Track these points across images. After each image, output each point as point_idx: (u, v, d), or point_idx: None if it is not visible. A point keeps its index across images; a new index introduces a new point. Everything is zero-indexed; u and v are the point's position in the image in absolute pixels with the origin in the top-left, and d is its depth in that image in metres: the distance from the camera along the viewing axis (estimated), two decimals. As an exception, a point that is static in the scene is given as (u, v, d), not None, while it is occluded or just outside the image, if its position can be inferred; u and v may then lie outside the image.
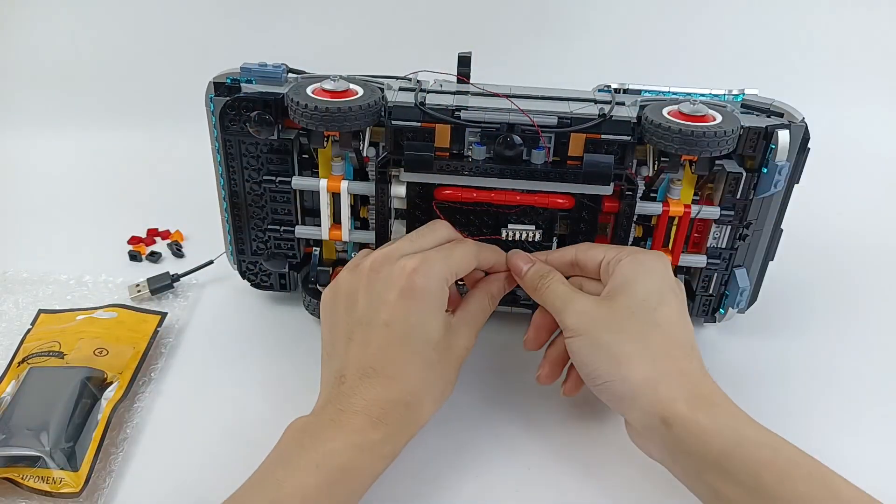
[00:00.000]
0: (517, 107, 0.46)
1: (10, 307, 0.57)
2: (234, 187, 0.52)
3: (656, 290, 0.43)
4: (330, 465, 0.37)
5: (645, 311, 0.42)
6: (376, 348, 0.41)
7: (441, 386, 0.42)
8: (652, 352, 0.41)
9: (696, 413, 0.38)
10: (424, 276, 0.41)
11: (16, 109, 0.84)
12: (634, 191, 0.48)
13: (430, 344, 0.42)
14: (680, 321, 0.43)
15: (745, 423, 0.38)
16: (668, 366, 0.40)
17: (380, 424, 0.39)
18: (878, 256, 0.69)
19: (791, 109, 0.49)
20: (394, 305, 0.41)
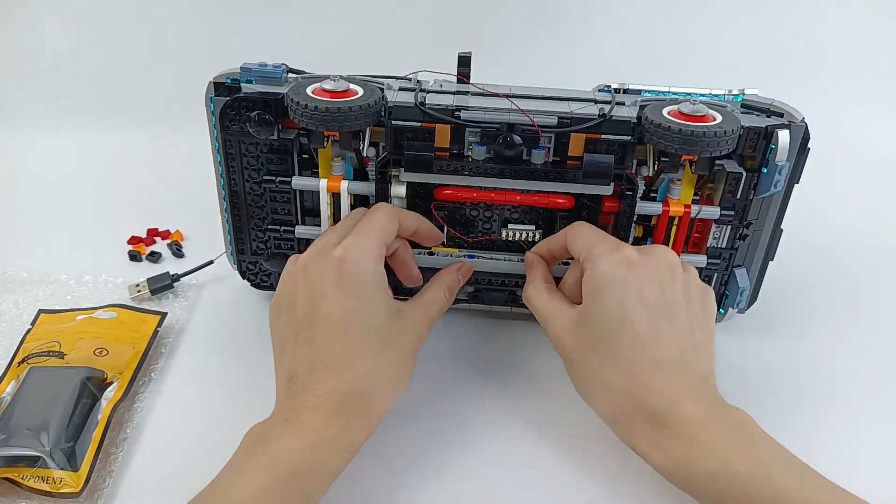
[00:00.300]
0: (517, 107, 0.46)
1: (10, 307, 0.57)
2: (234, 187, 0.52)
3: (615, 314, 0.40)
4: (280, 467, 0.36)
5: (605, 341, 0.41)
6: (321, 342, 0.40)
7: (393, 372, 0.42)
8: (610, 391, 0.41)
9: (653, 450, 0.39)
10: (354, 262, 0.41)
11: (16, 109, 0.84)
12: (634, 191, 0.48)
13: (375, 328, 0.41)
14: (646, 341, 0.40)
15: (704, 453, 0.38)
16: (628, 405, 0.40)
17: (334, 417, 0.38)
18: (878, 256, 0.69)
19: (791, 109, 0.49)
20: (330, 297, 0.41)
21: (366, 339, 0.41)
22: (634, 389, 0.40)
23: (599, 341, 0.41)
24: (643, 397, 0.40)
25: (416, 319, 0.44)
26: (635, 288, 0.41)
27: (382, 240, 0.43)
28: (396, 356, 0.42)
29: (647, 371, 0.40)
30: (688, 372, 0.40)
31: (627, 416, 0.40)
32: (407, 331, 0.43)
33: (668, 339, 0.41)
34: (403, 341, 0.43)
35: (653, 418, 0.39)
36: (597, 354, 0.41)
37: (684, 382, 0.40)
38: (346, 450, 0.39)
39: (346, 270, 0.41)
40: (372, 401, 0.40)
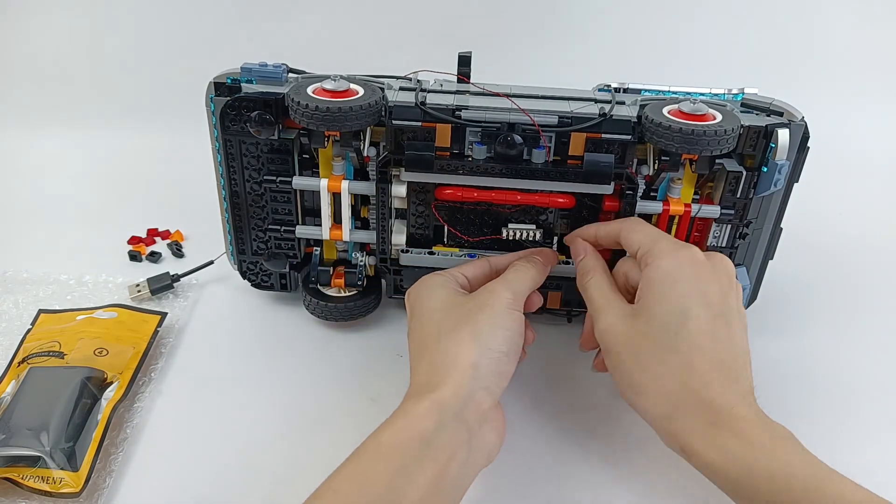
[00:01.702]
0: (517, 106, 0.46)
1: (10, 307, 0.56)
2: (234, 187, 0.52)
3: (678, 308, 0.40)
4: (361, 453, 0.35)
5: (665, 336, 0.40)
6: (410, 353, 0.42)
7: (468, 329, 0.40)
8: (668, 385, 0.40)
9: (709, 448, 0.38)
10: (415, 294, 0.44)
11: (16, 109, 0.84)
12: (635, 190, 0.48)
13: (436, 310, 0.42)
14: (707, 339, 0.40)
15: (761, 455, 0.37)
16: (684, 397, 0.39)
17: (414, 396, 0.38)
18: (878, 255, 0.69)
19: (790, 108, 0.49)
20: (409, 324, 0.44)
21: (430, 324, 0.41)
22: (695, 385, 0.39)
23: (659, 335, 0.40)
24: (703, 393, 0.39)
25: (486, 287, 0.43)
26: (700, 286, 0.41)
27: (455, 270, 0.46)
28: (467, 317, 0.41)
29: (708, 368, 0.39)
30: (741, 378, 0.40)
31: (683, 412, 0.39)
32: (478, 298, 0.42)
33: (726, 343, 0.40)
34: (473, 304, 0.42)
35: (711, 415, 0.38)
36: (656, 348, 0.40)
37: (739, 387, 0.39)
38: (431, 411, 0.36)
39: (411, 294, 0.45)
40: (445, 361, 0.39)
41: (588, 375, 0.51)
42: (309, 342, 0.55)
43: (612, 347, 0.42)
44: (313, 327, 0.56)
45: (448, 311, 0.42)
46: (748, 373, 0.41)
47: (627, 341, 0.41)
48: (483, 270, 0.47)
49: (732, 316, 0.41)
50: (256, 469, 0.44)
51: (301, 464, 0.45)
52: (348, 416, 0.48)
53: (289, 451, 0.46)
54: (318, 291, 0.55)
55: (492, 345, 0.40)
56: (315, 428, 0.47)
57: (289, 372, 0.52)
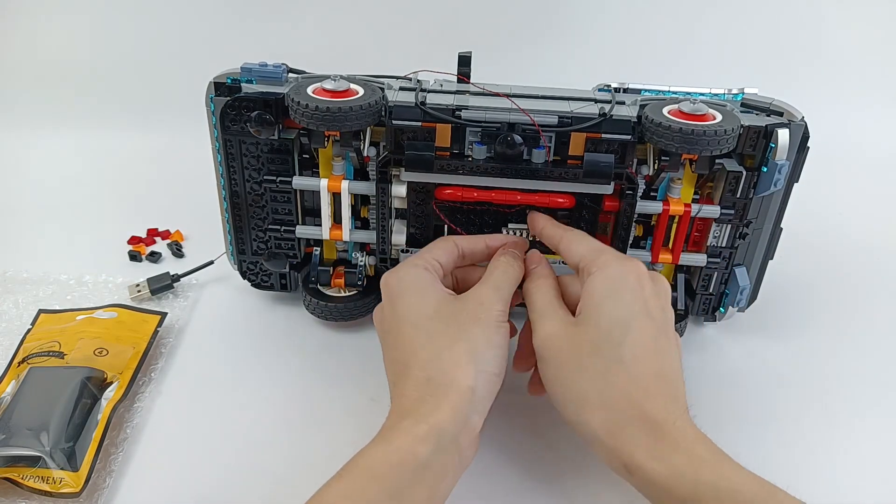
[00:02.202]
0: (517, 106, 0.46)
1: (10, 307, 0.56)
2: (234, 187, 0.52)
3: (622, 318, 0.39)
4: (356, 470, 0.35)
5: (609, 346, 0.39)
6: (389, 357, 0.42)
7: (465, 347, 0.39)
8: (611, 395, 0.38)
9: (654, 462, 0.36)
10: (393, 275, 0.44)
11: (16, 109, 0.84)
12: (635, 190, 0.48)
13: (426, 318, 0.41)
14: (650, 351, 0.39)
15: (706, 469, 0.36)
16: (629, 411, 0.37)
17: (409, 412, 0.37)
18: (878, 255, 0.69)
19: (790, 108, 0.49)
20: (387, 317, 0.43)
21: (422, 331, 0.40)
22: (638, 396, 0.38)
23: (603, 344, 0.39)
24: (647, 405, 0.37)
25: (478, 296, 0.42)
26: (644, 299, 0.40)
27: (427, 256, 0.45)
28: (462, 331, 0.40)
29: (652, 381, 0.38)
30: (679, 395, 0.39)
31: (627, 425, 0.37)
32: (465, 307, 0.41)
33: (668, 358, 0.40)
34: (465, 316, 0.41)
35: (655, 429, 0.37)
36: (599, 357, 0.39)
37: (678, 403, 0.39)
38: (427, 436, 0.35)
39: (391, 288, 0.43)
40: (444, 382, 0.38)
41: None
42: (309, 342, 0.55)
43: (552, 356, 0.40)
44: (313, 327, 0.56)
45: (441, 321, 0.41)
46: (684, 392, 0.40)
47: (570, 350, 0.40)
48: (452, 255, 0.46)
49: (671, 334, 0.41)
50: (256, 469, 0.44)
51: (301, 464, 0.45)
52: (348, 416, 0.48)
53: (289, 450, 0.46)
54: (318, 291, 0.55)
55: (486, 367, 0.39)
56: (315, 428, 0.47)
57: (289, 372, 0.52)
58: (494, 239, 0.48)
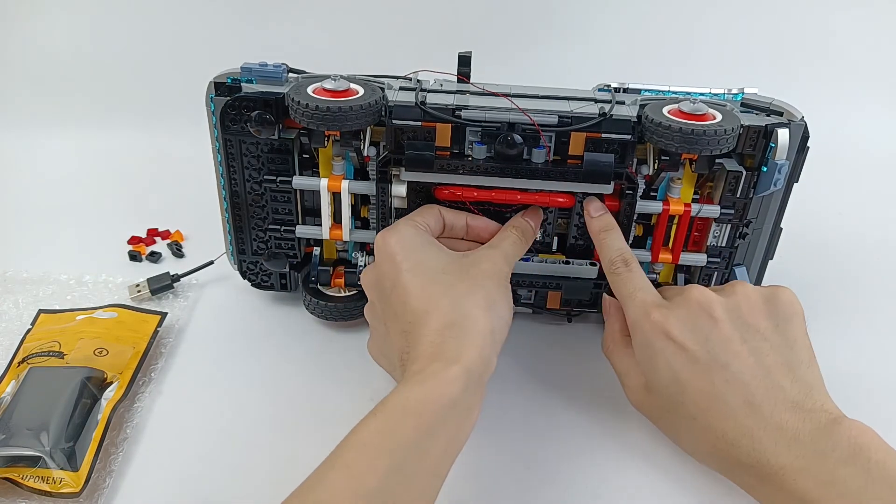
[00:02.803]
0: (517, 106, 0.46)
1: (10, 307, 0.56)
2: (234, 187, 0.52)
3: (671, 381, 0.40)
4: (388, 408, 0.35)
5: (677, 407, 0.41)
6: (400, 310, 0.41)
7: (481, 295, 0.40)
8: (702, 446, 0.41)
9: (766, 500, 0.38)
10: (392, 233, 0.44)
11: (16, 109, 0.84)
12: (635, 189, 0.48)
13: (439, 271, 0.42)
14: (711, 396, 0.39)
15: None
16: (722, 460, 0.40)
17: (436, 355, 0.37)
18: (878, 255, 0.69)
19: (790, 108, 0.49)
20: (390, 272, 0.42)
21: (436, 282, 0.41)
22: (722, 447, 0.39)
23: (671, 408, 0.41)
24: (732, 453, 0.38)
25: (483, 255, 0.44)
26: (675, 349, 0.40)
27: (419, 219, 0.45)
28: (476, 283, 0.41)
29: (724, 425, 0.38)
30: (767, 410, 0.38)
31: (731, 472, 0.40)
32: (477, 263, 0.43)
33: (732, 388, 0.39)
34: (476, 272, 0.42)
35: (752, 471, 0.38)
36: (675, 419, 0.42)
37: (768, 424, 0.37)
38: (459, 376, 0.36)
39: (391, 244, 0.43)
40: (466, 325, 0.39)
41: (588, 374, 0.51)
42: (309, 342, 0.55)
43: (647, 416, 0.44)
44: (313, 327, 0.56)
45: (453, 275, 0.42)
46: (782, 387, 0.39)
47: (653, 412, 0.44)
48: (439, 224, 0.47)
49: (729, 348, 0.40)
50: (256, 469, 0.44)
51: (301, 464, 0.44)
52: (348, 416, 0.47)
53: (289, 450, 0.45)
54: (318, 291, 0.55)
55: (501, 313, 0.41)
56: (315, 428, 0.47)
57: (289, 372, 0.52)
58: (476, 220, 0.48)
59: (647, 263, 0.53)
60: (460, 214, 0.48)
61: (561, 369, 0.53)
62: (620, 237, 0.47)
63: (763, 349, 0.40)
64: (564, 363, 0.53)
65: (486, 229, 0.48)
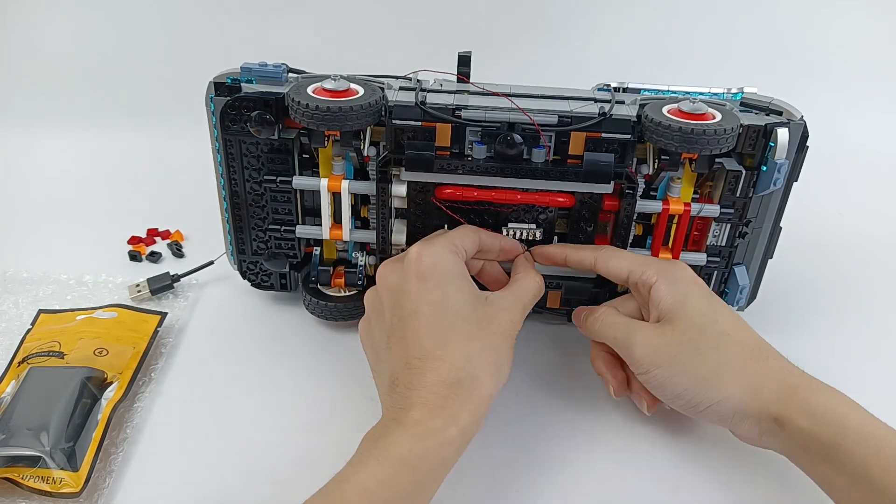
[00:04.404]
0: (517, 106, 0.46)
1: (10, 307, 0.56)
2: (234, 187, 0.52)
3: (706, 303, 0.44)
4: (390, 458, 0.36)
5: (710, 326, 0.43)
6: (413, 339, 0.40)
7: (492, 358, 0.41)
8: (738, 362, 0.42)
9: (799, 413, 0.40)
10: (430, 254, 0.42)
11: (16, 109, 0.84)
12: (635, 189, 0.48)
13: (463, 317, 0.41)
14: (737, 319, 0.44)
15: (849, 414, 0.39)
16: (758, 368, 0.42)
17: (438, 410, 0.38)
18: (877, 254, 0.69)
19: (790, 108, 0.49)
20: (414, 293, 0.41)
21: (456, 329, 0.41)
22: (758, 361, 0.42)
23: (706, 328, 0.43)
24: (769, 365, 0.42)
25: (506, 305, 0.44)
26: (703, 285, 0.46)
27: (458, 242, 0.45)
28: (492, 342, 0.41)
29: (756, 340, 0.43)
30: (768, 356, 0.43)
31: (762, 385, 0.41)
32: (498, 317, 0.43)
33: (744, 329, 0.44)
34: (496, 327, 0.42)
35: (788, 381, 0.41)
36: (708, 339, 0.43)
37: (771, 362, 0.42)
38: (455, 439, 0.38)
39: (425, 264, 0.42)
40: (474, 388, 0.39)
41: (588, 373, 0.51)
42: (309, 342, 0.55)
43: (663, 360, 0.43)
44: (314, 327, 0.56)
45: (476, 325, 0.41)
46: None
47: (678, 346, 0.43)
48: (475, 247, 0.47)
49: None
50: (256, 469, 0.44)
51: (301, 463, 0.45)
52: (348, 416, 0.48)
53: (289, 450, 0.46)
54: (318, 291, 0.55)
55: (503, 379, 0.42)
56: (315, 428, 0.47)
57: (289, 372, 0.52)
58: (508, 242, 0.49)
59: None
60: (496, 239, 0.48)
61: (560, 368, 0.53)
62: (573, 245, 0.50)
63: None
64: (564, 362, 0.54)
65: (514, 251, 0.49)
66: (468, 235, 0.46)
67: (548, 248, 0.50)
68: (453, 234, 0.46)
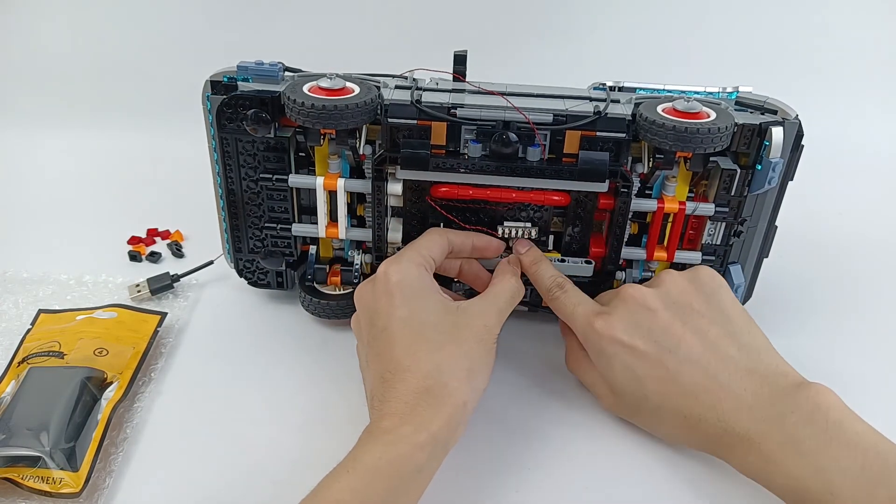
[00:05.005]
0: (512, 104, 0.46)
1: (10, 307, 0.57)
2: (231, 185, 0.52)
3: (630, 376, 0.43)
4: (360, 467, 0.36)
5: (641, 403, 0.43)
6: (384, 354, 0.42)
7: (463, 364, 0.41)
8: (680, 435, 0.43)
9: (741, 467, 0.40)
10: (396, 271, 0.44)
11: (16, 109, 0.84)
12: (630, 188, 0.48)
13: (431, 327, 0.42)
14: (668, 382, 0.42)
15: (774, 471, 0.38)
16: (697, 440, 0.42)
17: (407, 417, 0.38)
18: (874, 254, 0.69)
19: (784, 106, 0.49)
20: (383, 311, 0.43)
21: (426, 339, 0.41)
22: (691, 424, 0.41)
23: (638, 403, 0.44)
24: (701, 428, 0.41)
25: (478, 311, 0.44)
26: (624, 349, 0.43)
27: (425, 252, 0.45)
28: (461, 348, 0.42)
29: (687, 404, 0.41)
30: (723, 382, 0.41)
31: (707, 447, 0.42)
32: (469, 323, 0.43)
33: (685, 368, 0.42)
34: (468, 333, 0.42)
35: (721, 441, 0.40)
36: (644, 413, 0.44)
37: (727, 393, 0.40)
38: (427, 444, 0.38)
39: (391, 282, 0.43)
40: (442, 395, 0.39)
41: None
42: (308, 341, 0.55)
43: (620, 413, 0.46)
44: (312, 326, 0.56)
45: (444, 333, 0.42)
46: (731, 358, 0.41)
47: (624, 413, 0.46)
48: (445, 251, 0.47)
49: (672, 333, 0.43)
50: (256, 469, 0.45)
51: (300, 463, 0.45)
52: (346, 415, 0.48)
53: (288, 450, 0.46)
54: (314, 289, 0.55)
55: (479, 384, 0.42)
56: (314, 427, 0.48)
57: (289, 371, 0.52)
58: (480, 239, 0.49)
59: (642, 262, 0.53)
60: (467, 238, 0.49)
61: (555, 366, 0.53)
62: (550, 265, 0.49)
63: (702, 326, 0.43)
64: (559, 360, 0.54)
65: (489, 248, 0.49)
66: (435, 241, 0.47)
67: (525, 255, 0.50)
68: (420, 244, 0.46)
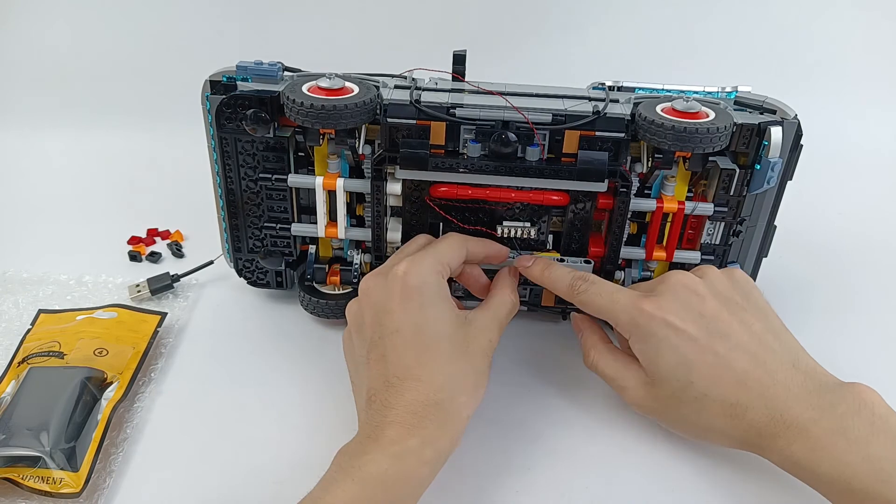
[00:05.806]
0: (511, 104, 0.46)
1: (10, 307, 0.57)
2: (230, 185, 0.52)
3: (679, 361, 0.42)
4: (366, 477, 0.36)
5: (686, 390, 0.42)
6: (393, 357, 0.41)
7: (471, 379, 0.41)
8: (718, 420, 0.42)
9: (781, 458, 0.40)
10: (416, 274, 0.42)
11: (16, 109, 0.84)
12: (629, 187, 0.48)
13: (444, 338, 0.41)
14: (718, 370, 0.41)
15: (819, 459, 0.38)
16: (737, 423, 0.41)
17: (415, 430, 0.38)
18: (873, 253, 0.69)
19: (783, 106, 0.49)
20: (397, 312, 0.42)
21: (437, 350, 0.41)
22: (737, 413, 0.41)
23: (680, 393, 0.42)
24: (748, 417, 0.40)
25: (484, 325, 0.44)
26: (676, 333, 0.42)
27: (445, 260, 0.45)
28: (470, 363, 0.42)
29: (736, 392, 0.41)
30: (771, 368, 0.41)
31: (748, 441, 0.41)
32: (477, 337, 0.43)
33: (735, 355, 0.41)
34: (475, 348, 0.42)
35: (767, 430, 0.40)
36: (683, 404, 0.42)
37: (776, 382, 0.40)
38: (430, 460, 0.38)
39: (410, 284, 0.42)
40: (451, 409, 0.40)
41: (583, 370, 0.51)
42: (308, 341, 0.55)
43: (650, 411, 0.45)
44: (312, 326, 0.56)
45: (456, 346, 0.42)
46: (775, 352, 0.42)
47: (658, 406, 0.44)
48: (462, 260, 0.47)
49: (722, 320, 0.43)
50: (256, 469, 0.45)
51: (300, 463, 0.45)
52: (346, 415, 0.48)
53: (288, 450, 0.46)
54: (313, 289, 0.55)
55: (479, 395, 0.42)
56: (314, 427, 0.48)
57: (288, 371, 0.52)
58: (492, 248, 0.49)
59: (641, 261, 0.53)
60: (483, 247, 0.48)
61: (556, 366, 0.53)
62: (561, 266, 0.48)
63: (747, 319, 0.43)
64: (559, 360, 0.54)
65: (498, 257, 0.49)
66: (455, 249, 0.46)
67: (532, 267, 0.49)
68: (442, 251, 0.45)
